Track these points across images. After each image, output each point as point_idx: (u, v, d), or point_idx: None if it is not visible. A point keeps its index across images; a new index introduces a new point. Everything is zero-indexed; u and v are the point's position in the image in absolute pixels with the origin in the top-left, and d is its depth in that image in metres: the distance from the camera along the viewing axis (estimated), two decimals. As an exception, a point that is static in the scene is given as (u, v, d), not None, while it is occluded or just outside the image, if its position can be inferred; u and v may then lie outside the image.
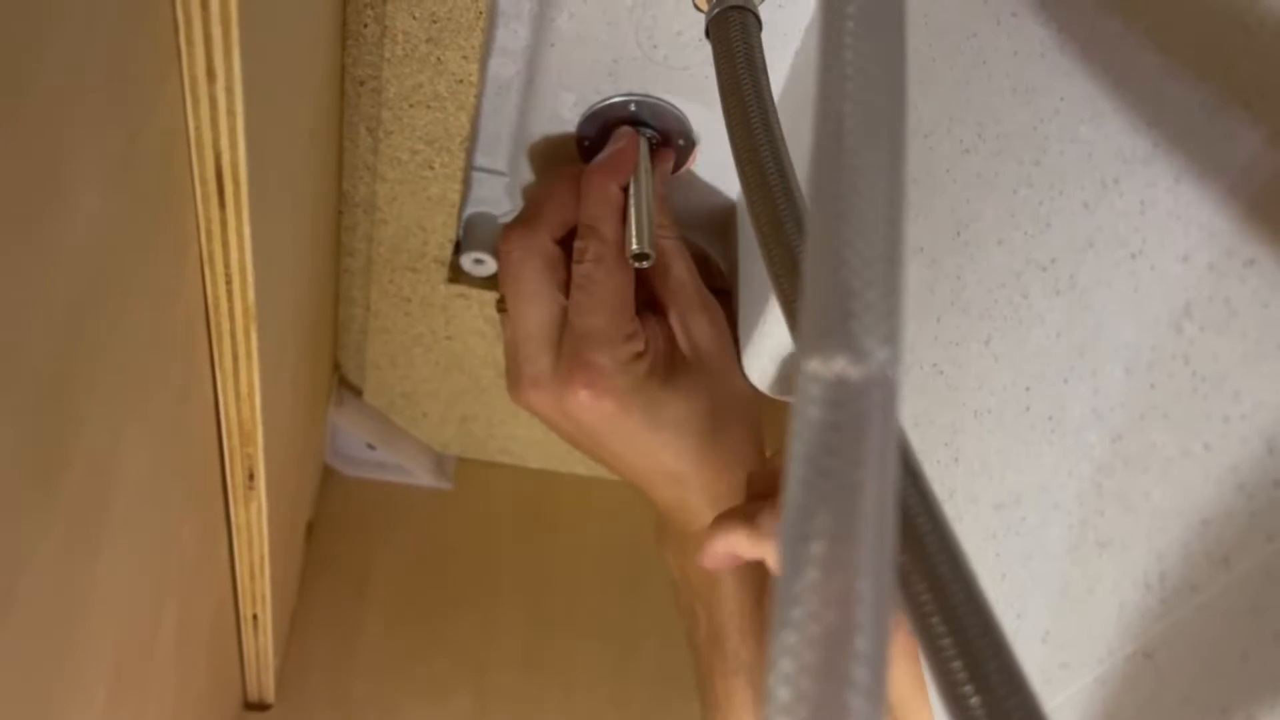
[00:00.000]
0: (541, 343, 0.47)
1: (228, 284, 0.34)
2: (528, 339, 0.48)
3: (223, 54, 0.28)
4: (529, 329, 0.48)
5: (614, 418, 0.45)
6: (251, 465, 0.42)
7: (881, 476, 0.16)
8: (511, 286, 0.48)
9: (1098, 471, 0.27)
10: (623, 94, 0.52)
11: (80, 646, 0.29)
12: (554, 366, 0.47)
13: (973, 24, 0.35)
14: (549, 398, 0.47)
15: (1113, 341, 0.27)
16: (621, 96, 0.52)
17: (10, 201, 0.20)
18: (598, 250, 0.47)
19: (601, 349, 0.45)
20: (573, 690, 0.70)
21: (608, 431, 0.46)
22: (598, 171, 0.49)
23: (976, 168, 0.34)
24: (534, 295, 0.47)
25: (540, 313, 0.47)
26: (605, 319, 0.46)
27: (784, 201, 0.30)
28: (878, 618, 0.15)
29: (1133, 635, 0.25)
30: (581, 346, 0.45)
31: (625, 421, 0.45)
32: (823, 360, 0.16)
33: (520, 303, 0.48)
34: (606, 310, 0.46)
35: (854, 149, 0.18)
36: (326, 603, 0.69)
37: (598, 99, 0.52)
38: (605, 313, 0.46)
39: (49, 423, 0.23)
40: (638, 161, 0.50)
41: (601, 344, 0.45)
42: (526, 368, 0.48)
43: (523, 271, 0.48)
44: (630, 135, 0.51)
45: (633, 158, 0.50)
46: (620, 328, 0.45)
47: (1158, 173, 0.26)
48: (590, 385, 0.45)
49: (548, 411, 0.48)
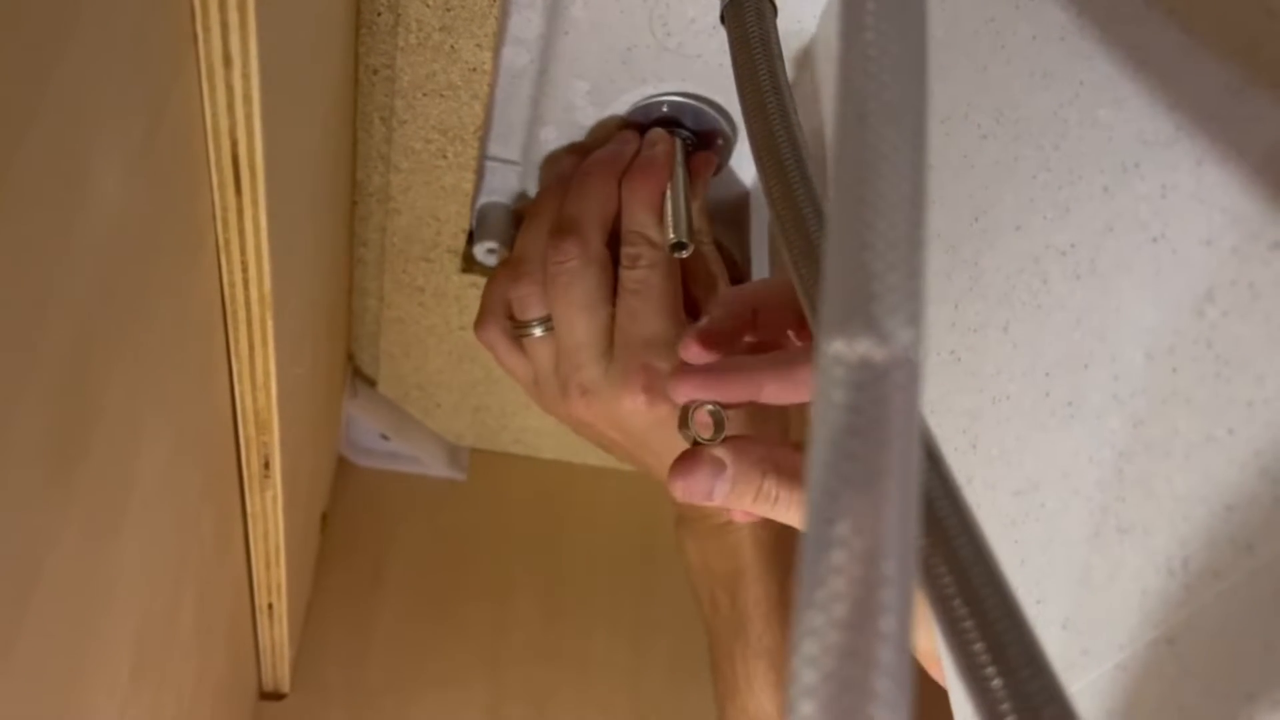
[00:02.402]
0: (593, 350, 0.47)
1: (244, 271, 0.34)
2: (579, 348, 0.48)
3: (239, 40, 0.28)
4: (579, 338, 0.48)
5: (668, 421, 0.45)
6: (267, 454, 0.42)
7: (905, 458, 0.16)
8: (562, 296, 0.48)
9: (1119, 457, 0.27)
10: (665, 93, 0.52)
11: (103, 633, 0.29)
12: (606, 373, 0.47)
13: (991, 9, 0.35)
14: (600, 405, 0.47)
15: (1134, 326, 0.27)
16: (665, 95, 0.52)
17: (31, 190, 0.20)
18: (651, 256, 0.48)
19: (659, 353, 0.46)
20: (587, 679, 0.70)
21: (657, 435, 0.46)
22: (640, 179, 0.49)
23: (995, 153, 0.34)
24: (587, 304, 0.48)
25: (592, 322, 0.48)
26: (661, 323, 0.46)
27: (801, 188, 0.30)
28: (902, 599, 0.15)
29: (1155, 622, 0.25)
30: (639, 351, 0.46)
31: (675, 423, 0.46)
32: (846, 342, 0.16)
33: (573, 313, 0.48)
34: (662, 315, 0.46)
35: (876, 131, 0.18)
36: (341, 593, 0.69)
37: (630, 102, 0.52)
38: (661, 317, 0.46)
39: (69, 410, 0.23)
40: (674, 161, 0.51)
41: (659, 348, 0.46)
42: (576, 376, 0.48)
43: (577, 281, 0.48)
44: (666, 139, 0.52)
45: (670, 163, 0.51)
46: (675, 332, 0.46)
47: (1180, 156, 0.26)
48: (649, 389, 0.45)
49: (594, 418, 0.48)
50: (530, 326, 0.50)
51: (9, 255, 0.19)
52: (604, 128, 0.54)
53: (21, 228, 0.20)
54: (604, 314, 0.48)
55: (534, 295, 0.50)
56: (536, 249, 0.50)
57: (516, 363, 0.51)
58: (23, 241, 0.20)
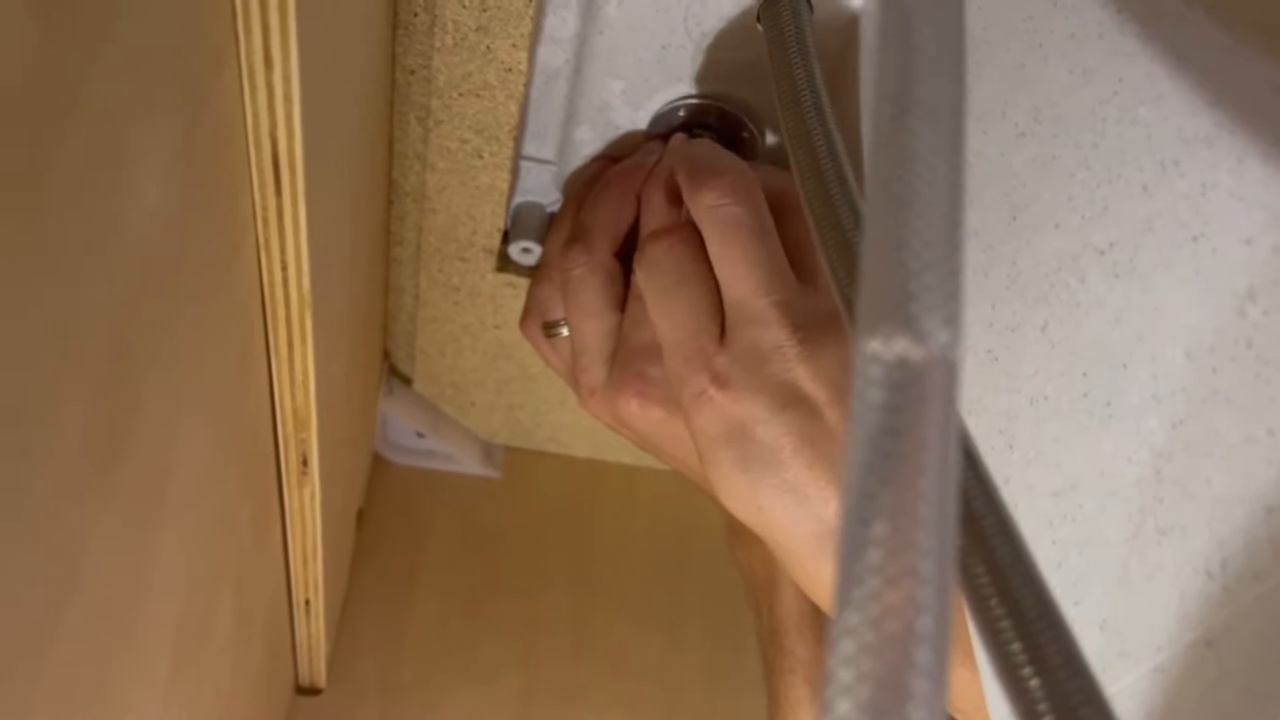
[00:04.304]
0: (596, 354, 0.48)
1: (283, 270, 0.34)
2: (584, 351, 0.49)
3: (280, 41, 0.28)
4: (585, 342, 0.49)
5: (663, 424, 0.46)
6: (305, 451, 0.42)
7: (943, 459, 0.16)
8: (571, 301, 0.49)
9: (1157, 457, 0.27)
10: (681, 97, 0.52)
11: (142, 627, 0.29)
12: (608, 377, 0.47)
13: (1028, 6, 0.35)
14: (604, 406, 0.48)
15: (1173, 326, 0.27)
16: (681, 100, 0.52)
17: (75, 189, 0.20)
18: None
19: (652, 360, 0.46)
20: (619, 676, 0.70)
21: (660, 437, 0.47)
22: (656, 185, 0.50)
23: (1032, 151, 0.34)
24: (592, 310, 0.49)
25: (597, 327, 0.48)
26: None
27: (838, 187, 0.30)
28: (941, 599, 0.15)
29: (1193, 624, 0.25)
30: (633, 357, 0.46)
31: (674, 428, 0.46)
32: (883, 342, 0.16)
33: (580, 317, 0.49)
34: None
35: (914, 129, 0.18)
36: (376, 589, 0.70)
37: (662, 102, 0.52)
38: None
39: (111, 406, 0.24)
40: None
41: (652, 355, 0.46)
42: (583, 378, 0.49)
43: (582, 288, 0.49)
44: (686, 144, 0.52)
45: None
46: None
47: (1220, 154, 0.26)
48: (640, 395, 0.46)
49: (606, 419, 0.49)
50: (558, 327, 0.52)
51: (51, 255, 0.19)
52: (636, 139, 0.55)
53: (63, 227, 0.20)
54: (609, 319, 0.48)
55: (554, 298, 0.52)
56: (554, 254, 0.52)
57: (552, 359, 0.53)
58: (64, 241, 0.20)
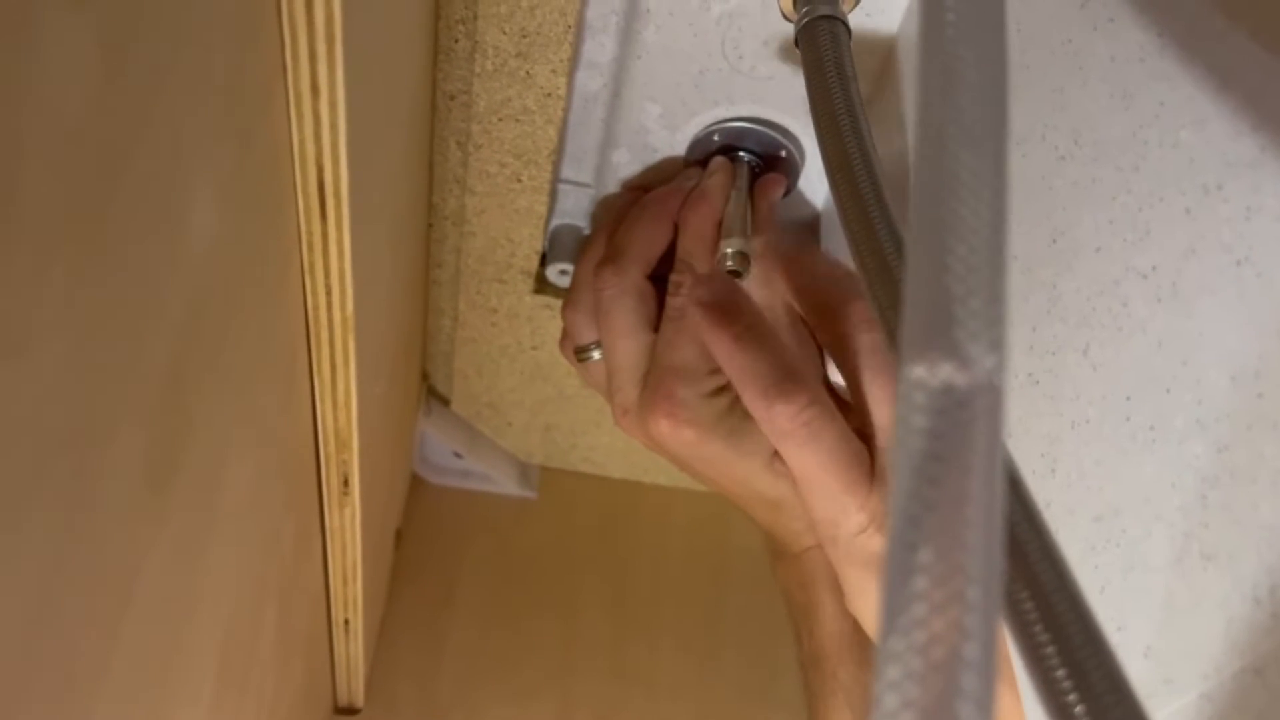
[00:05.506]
0: (629, 375, 0.49)
1: (328, 294, 0.35)
2: (617, 371, 0.49)
3: (326, 70, 0.29)
4: (618, 362, 0.49)
5: (694, 446, 0.46)
6: (346, 471, 0.43)
7: (989, 484, 0.16)
8: (604, 322, 0.50)
9: (1202, 483, 0.26)
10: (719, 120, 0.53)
11: (189, 644, 0.30)
12: (639, 397, 0.48)
13: (1068, 30, 0.35)
14: (636, 426, 0.49)
15: (1217, 350, 0.27)
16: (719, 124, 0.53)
17: (135, 219, 0.21)
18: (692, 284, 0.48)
19: (682, 381, 0.46)
20: (655, 696, 0.70)
21: (692, 459, 0.47)
22: (691, 209, 0.50)
23: (1073, 175, 0.34)
24: (625, 331, 0.49)
25: (629, 347, 0.49)
26: (691, 353, 0.46)
27: (878, 211, 0.30)
28: (987, 625, 0.15)
29: (1240, 651, 0.24)
30: (664, 378, 0.46)
31: (706, 450, 0.46)
32: (928, 368, 0.16)
33: (612, 338, 0.49)
34: (696, 343, 0.46)
35: (956, 154, 0.18)
36: (414, 609, 0.70)
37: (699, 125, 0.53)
38: (695, 345, 0.46)
39: (167, 429, 0.24)
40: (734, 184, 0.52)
41: (682, 377, 0.46)
42: (616, 398, 0.49)
43: (614, 309, 0.49)
44: (724, 167, 0.52)
45: (724, 192, 0.51)
46: (706, 361, 0.46)
47: (1264, 177, 0.26)
48: (670, 416, 0.46)
49: (641, 439, 0.49)
50: (588, 351, 0.52)
51: (112, 281, 0.20)
52: (673, 163, 0.55)
53: (123, 256, 0.20)
54: (642, 339, 0.49)
55: (583, 322, 0.52)
56: (585, 278, 0.53)
57: (591, 378, 0.53)
58: (124, 269, 0.20)
